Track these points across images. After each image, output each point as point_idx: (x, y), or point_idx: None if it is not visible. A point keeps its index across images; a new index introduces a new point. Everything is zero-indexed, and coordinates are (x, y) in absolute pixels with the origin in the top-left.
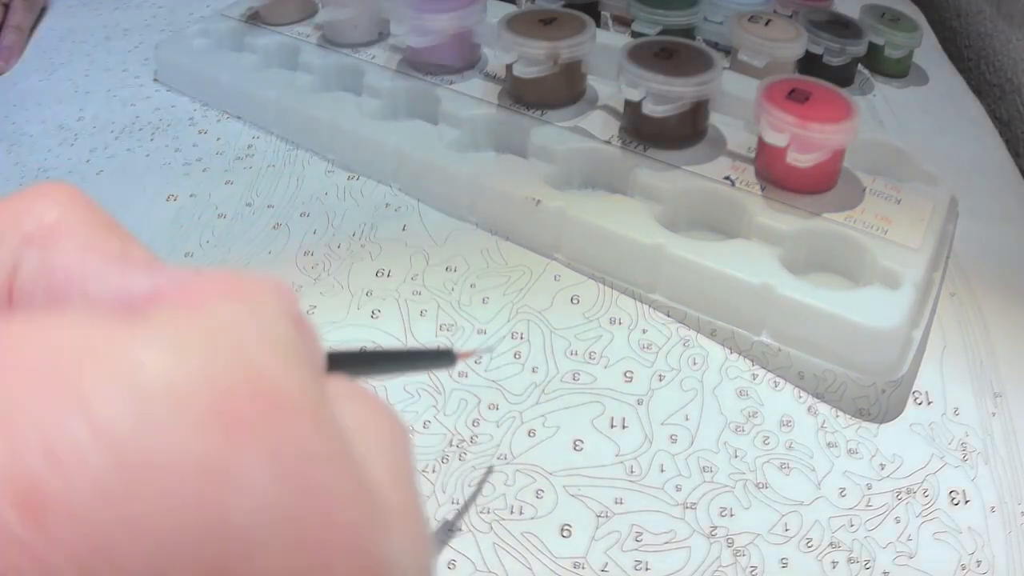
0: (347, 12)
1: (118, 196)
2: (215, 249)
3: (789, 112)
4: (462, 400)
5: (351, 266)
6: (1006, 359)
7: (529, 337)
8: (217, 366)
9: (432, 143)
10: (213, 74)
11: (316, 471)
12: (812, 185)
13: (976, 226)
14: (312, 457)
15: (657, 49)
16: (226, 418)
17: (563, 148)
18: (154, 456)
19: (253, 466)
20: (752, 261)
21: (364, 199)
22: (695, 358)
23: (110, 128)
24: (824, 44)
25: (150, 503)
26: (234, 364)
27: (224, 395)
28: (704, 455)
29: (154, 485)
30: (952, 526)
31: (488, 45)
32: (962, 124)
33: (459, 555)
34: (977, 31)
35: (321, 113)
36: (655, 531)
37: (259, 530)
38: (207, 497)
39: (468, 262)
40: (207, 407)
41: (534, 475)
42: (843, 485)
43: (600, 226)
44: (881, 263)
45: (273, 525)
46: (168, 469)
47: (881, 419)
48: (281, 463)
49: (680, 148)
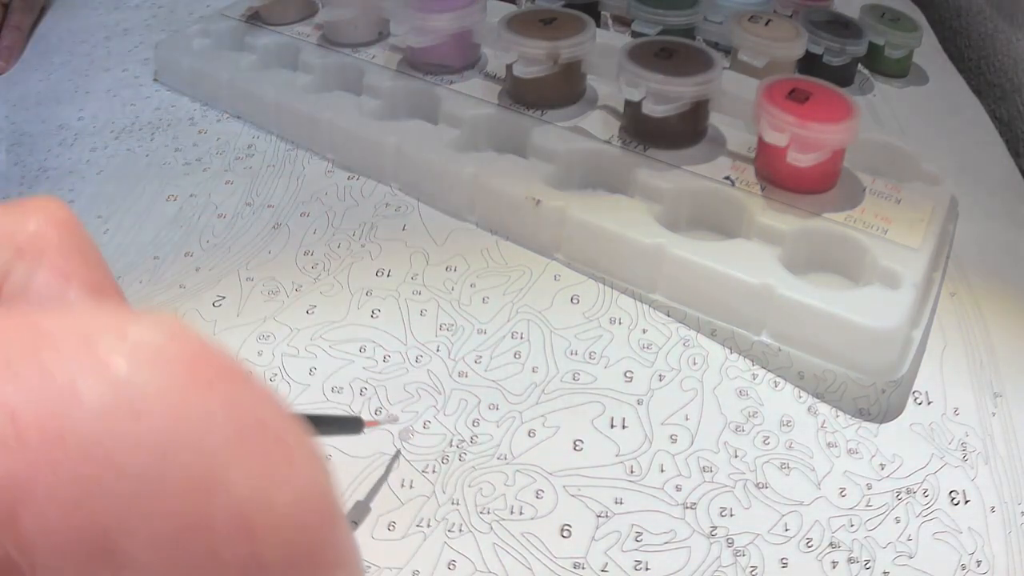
0: (347, 12)
1: (118, 196)
2: (215, 249)
3: (789, 112)
4: (462, 400)
5: (351, 266)
6: (1006, 359)
7: (529, 337)
8: (188, 341)
9: (432, 143)
10: (213, 74)
11: (260, 409)
12: (812, 185)
13: (976, 226)
14: (256, 404)
15: (657, 49)
16: (199, 372)
17: (563, 148)
18: (147, 392)
19: (215, 404)
20: (752, 261)
21: (364, 199)
22: (695, 358)
23: (110, 128)
24: (824, 44)
25: (146, 421)
26: (195, 340)
27: (192, 356)
28: (704, 455)
29: (149, 411)
30: (952, 526)
31: (488, 45)
32: (962, 124)
33: (459, 555)
34: (977, 31)
35: (321, 113)
36: (655, 531)
37: (221, 453)
38: (187, 424)
39: (468, 262)
40: (185, 364)
41: (534, 475)
42: (843, 485)
43: (600, 226)
44: (881, 263)
45: (229, 446)
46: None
47: (881, 419)
48: (238, 404)
49: (680, 148)
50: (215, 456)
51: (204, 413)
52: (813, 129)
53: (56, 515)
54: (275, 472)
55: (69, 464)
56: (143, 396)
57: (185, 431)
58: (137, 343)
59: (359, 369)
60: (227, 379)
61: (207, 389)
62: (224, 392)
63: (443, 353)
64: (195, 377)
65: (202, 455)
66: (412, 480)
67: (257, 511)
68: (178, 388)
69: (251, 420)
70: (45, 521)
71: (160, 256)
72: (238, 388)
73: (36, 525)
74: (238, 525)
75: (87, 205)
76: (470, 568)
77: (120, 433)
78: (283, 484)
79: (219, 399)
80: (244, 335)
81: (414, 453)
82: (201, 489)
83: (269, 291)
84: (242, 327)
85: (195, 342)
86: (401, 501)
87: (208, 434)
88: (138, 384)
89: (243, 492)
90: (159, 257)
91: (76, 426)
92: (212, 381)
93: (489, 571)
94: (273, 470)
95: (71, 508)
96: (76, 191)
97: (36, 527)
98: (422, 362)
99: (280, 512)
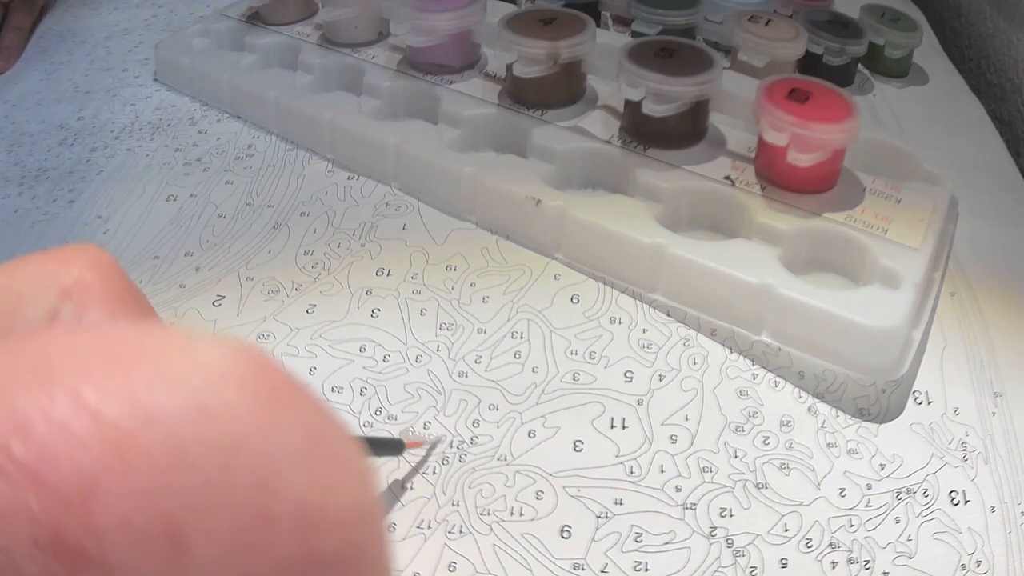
0: (347, 12)
1: (118, 196)
2: (215, 249)
3: (789, 112)
4: (462, 400)
5: (351, 265)
6: (1006, 359)
7: (529, 337)
8: (254, 357)
9: (432, 143)
10: (213, 74)
11: (320, 423)
12: (812, 185)
13: (976, 226)
14: (317, 417)
15: (657, 49)
16: (265, 386)
17: (563, 148)
18: (218, 399)
19: (279, 414)
20: (752, 261)
21: (364, 199)
22: (695, 358)
23: (110, 128)
24: (824, 44)
25: (217, 424)
26: (260, 357)
27: (258, 371)
28: (704, 455)
29: (219, 415)
30: (952, 526)
31: (488, 45)
32: (962, 124)
33: (459, 557)
34: (978, 31)
35: (321, 113)
36: (655, 532)
37: (288, 464)
38: (254, 430)
39: (468, 261)
40: (252, 378)
41: (534, 476)
42: (843, 485)
43: (600, 226)
44: (881, 263)
45: (293, 452)
46: (228, 411)
47: (881, 419)
48: (301, 416)
49: (680, 148)
50: (279, 460)
51: (269, 421)
52: (813, 129)
53: (130, 510)
54: (333, 480)
55: (144, 460)
56: (214, 402)
57: (252, 435)
58: (206, 357)
59: (359, 369)
60: (289, 393)
61: (271, 400)
62: (287, 404)
63: (443, 353)
64: (260, 389)
65: (267, 458)
66: (412, 481)
67: (317, 512)
68: (246, 398)
69: (312, 431)
70: (119, 516)
71: (160, 256)
72: (299, 402)
73: (110, 516)
74: (299, 522)
75: (87, 205)
76: (470, 569)
77: (193, 434)
78: (340, 490)
79: (282, 410)
80: (244, 335)
81: (414, 454)
82: (266, 488)
83: (269, 291)
84: (242, 327)
85: (260, 358)
86: (401, 503)
87: (273, 440)
88: (209, 392)
89: (304, 494)
90: (159, 257)
91: (153, 429)
92: (276, 394)
93: (489, 572)
94: (331, 478)
95: (143, 501)
96: (76, 191)
97: (110, 518)
98: (422, 362)
99: (337, 516)
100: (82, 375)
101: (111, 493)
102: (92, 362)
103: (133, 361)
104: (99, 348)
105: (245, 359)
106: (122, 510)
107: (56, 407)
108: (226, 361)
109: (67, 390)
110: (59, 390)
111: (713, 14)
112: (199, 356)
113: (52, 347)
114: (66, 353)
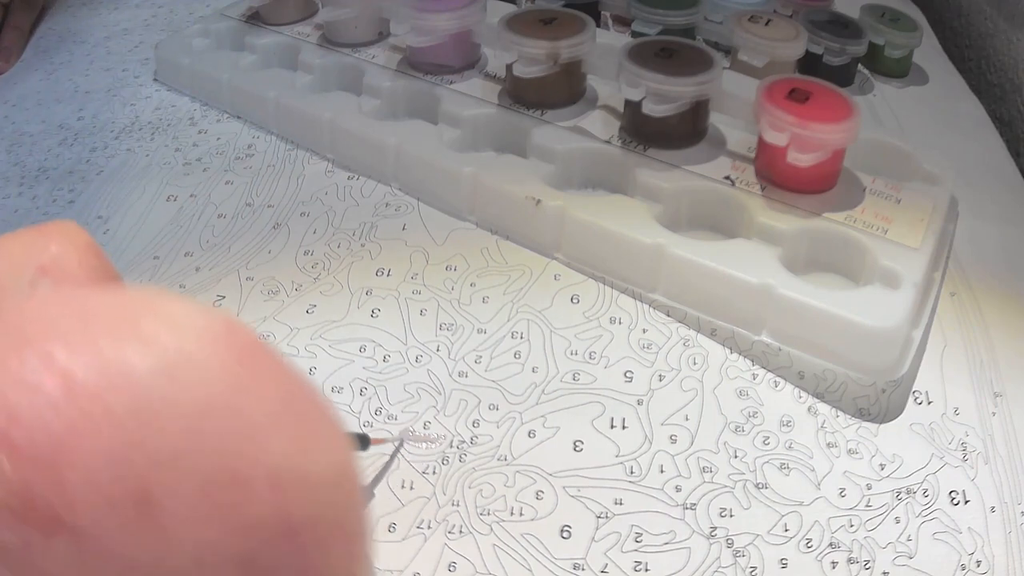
0: (347, 12)
1: (118, 196)
2: (215, 249)
3: (789, 112)
4: (462, 400)
5: (351, 265)
6: (1006, 359)
7: (529, 337)
8: (226, 321)
9: (432, 143)
10: (213, 74)
11: (292, 384)
12: (812, 185)
13: (976, 226)
14: (289, 378)
15: (657, 49)
16: (236, 346)
17: (563, 148)
18: (189, 361)
19: (253, 376)
20: (752, 261)
21: (364, 199)
22: (695, 358)
23: (110, 128)
24: (824, 44)
25: (188, 387)
26: (232, 320)
27: (229, 332)
28: (704, 455)
29: (190, 379)
30: (952, 526)
31: (488, 45)
32: (962, 124)
33: (459, 557)
34: (978, 31)
35: (321, 113)
36: (655, 532)
37: (262, 426)
38: (226, 392)
39: (468, 261)
40: (224, 338)
41: (534, 476)
42: (843, 485)
43: (600, 226)
44: (881, 263)
45: (267, 415)
46: (199, 373)
47: (881, 419)
48: (273, 377)
49: (680, 148)
50: (253, 422)
51: (243, 383)
52: (813, 129)
53: (99, 471)
54: (308, 443)
55: (113, 424)
56: (185, 365)
57: (224, 398)
58: (178, 319)
59: (359, 369)
60: (262, 355)
61: (243, 361)
62: (261, 365)
63: (443, 353)
64: (232, 350)
65: (240, 420)
66: (412, 481)
67: (291, 475)
68: (217, 358)
69: (287, 394)
70: (88, 477)
71: (160, 256)
72: (271, 362)
73: (80, 481)
74: (272, 486)
75: (87, 205)
76: (470, 570)
77: (162, 397)
78: (315, 454)
79: (255, 370)
80: None
81: (414, 454)
82: (238, 451)
83: (269, 291)
84: None
85: (230, 320)
86: (402, 503)
87: (247, 402)
88: (180, 354)
89: (278, 458)
90: (159, 257)
91: (122, 389)
92: (248, 354)
93: (489, 572)
94: (306, 442)
95: (113, 465)
96: (76, 191)
97: (80, 482)
98: (422, 362)
99: (312, 479)
100: (52, 336)
101: (78, 453)
102: (63, 324)
103: (103, 322)
104: (70, 311)
105: (216, 320)
106: (90, 470)
107: (26, 368)
108: (196, 321)
109: (37, 351)
110: (30, 351)
111: (713, 14)
112: (169, 316)
113: (25, 313)
114: (38, 317)
